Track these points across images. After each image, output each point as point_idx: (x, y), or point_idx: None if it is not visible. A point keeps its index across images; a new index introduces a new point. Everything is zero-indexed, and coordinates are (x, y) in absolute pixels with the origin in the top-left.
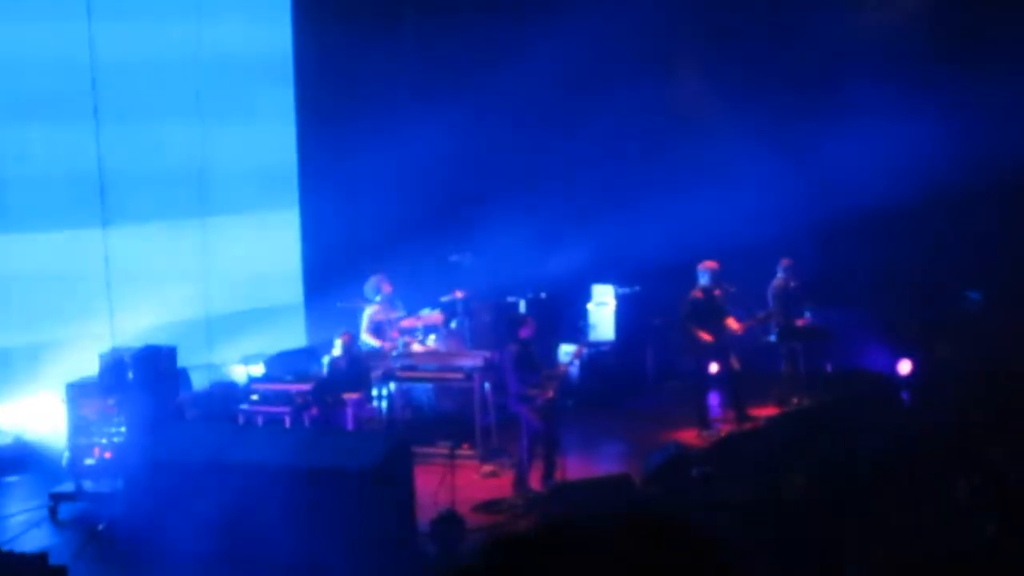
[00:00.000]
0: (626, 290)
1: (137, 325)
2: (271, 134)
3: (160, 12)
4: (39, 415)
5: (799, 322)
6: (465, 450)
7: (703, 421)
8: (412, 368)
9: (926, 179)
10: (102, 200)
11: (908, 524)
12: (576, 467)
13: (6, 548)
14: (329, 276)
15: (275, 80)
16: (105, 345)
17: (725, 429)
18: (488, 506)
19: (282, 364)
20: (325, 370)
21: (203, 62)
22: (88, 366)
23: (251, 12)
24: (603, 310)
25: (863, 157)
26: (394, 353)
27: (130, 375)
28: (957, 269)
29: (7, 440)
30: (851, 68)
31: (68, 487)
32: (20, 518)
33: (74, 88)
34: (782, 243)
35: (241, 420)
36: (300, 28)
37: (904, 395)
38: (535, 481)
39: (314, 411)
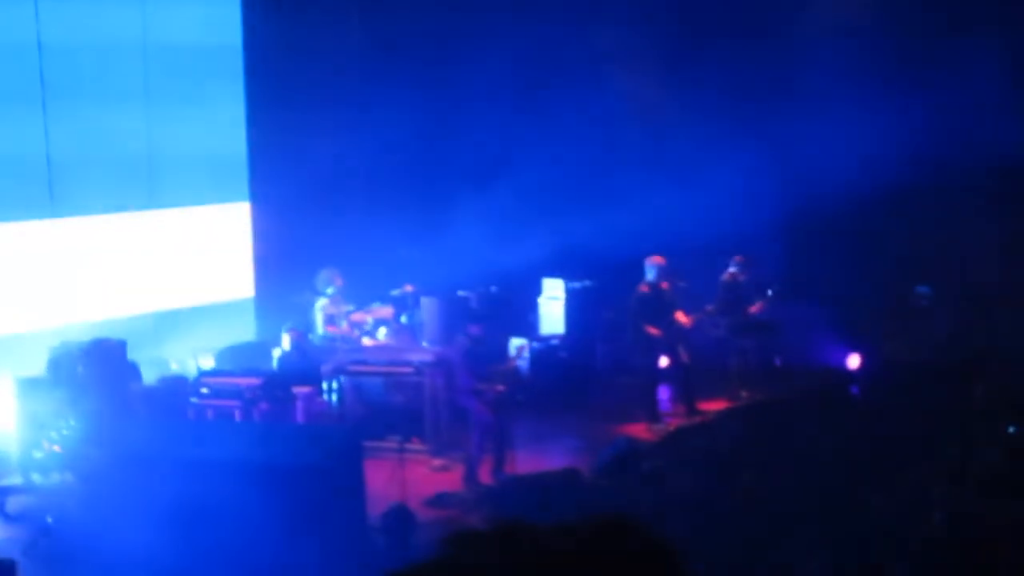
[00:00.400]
0: (577, 284)
1: (86, 318)
2: (220, 123)
3: None
4: None
5: (752, 310)
6: (415, 444)
7: (653, 415)
8: (362, 362)
9: (878, 175)
10: (50, 190)
11: (857, 521)
12: (526, 461)
13: None
14: (280, 269)
15: (225, 68)
16: (54, 339)
17: (675, 423)
18: (439, 500)
19: (232, 358)
20: (275, 364)
21: (152, 48)
22: (38, 360)
23: None
24: (553, 304)
25: (820, 153)
26: (352, 335)
27: (80, 369)
28: (907, 264)
29: None
30: (808, 65)
31: (17, 481)
32: None
33: (20, 72)
34: (738, 238)
35: (191, 414)
36: (250, 14)
37: (853, 390)
38: (485, 475)
39: (264, 405)
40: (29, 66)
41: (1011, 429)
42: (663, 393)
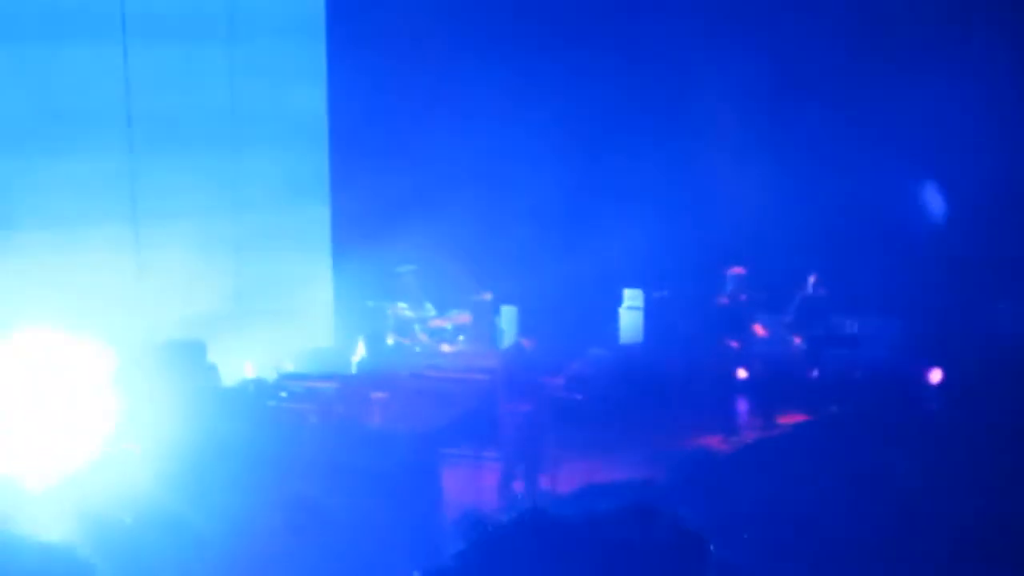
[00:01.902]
0: (656, 294)
1: (166, 320)
2: (303, 135)
3: None
4: None
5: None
6: (491, 452)
7: (729, 427)
8: (439, 368)
9: (964, 187)
10: (133, 197)
11: (933, 537)
12: (601, 471)
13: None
14: (360, 274)
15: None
16: (134, 339)
17: (751, 435)
18: (511, 506)
19: (311, 362)
20: (353, 369)
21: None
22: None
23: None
24: (633, 314)
25: (906, 165)
26: (417, 350)
27: (158, 368)
28: (991, 279)
29: None
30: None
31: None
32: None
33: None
34: (821, 251)
35: (270, 416)
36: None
37: (933, 404)
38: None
39: (341, 409)
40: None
41: None
42: (740, 405)
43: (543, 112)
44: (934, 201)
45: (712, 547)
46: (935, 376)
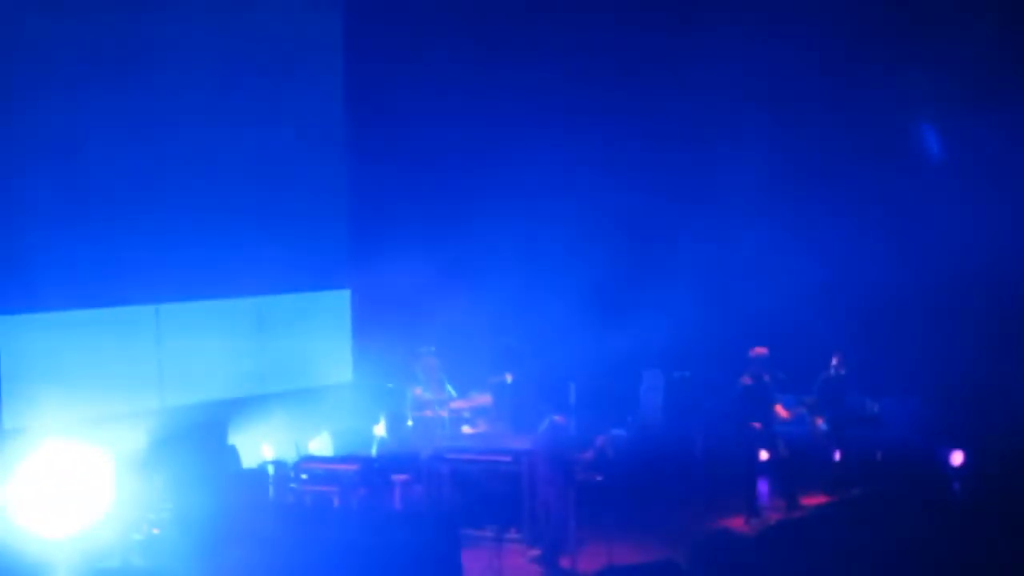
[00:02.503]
0: (676, 374)
1: (187, 401)
2: (322, 205)
3: None
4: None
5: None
6: (513, 534)
7: (751, 508)
8: (461, 450)
9: (984, 261)
10: (154, 274)
11: None
12: (623, 551)
13: None
14: (379, 354)
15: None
16: (156, 418)
17: (773, 517)
18: None
19: (331, 444)
20: (374, 450)
21: None
22: (139, 439)
23: None
24: (652, 394)
25: (920, 243)
26: (437, 432)
27: (180, 450)
28: (1014, 358)
29: None
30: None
31: (115, 562)
32: None
33: None
34: (839, 332)
35: (290, 499)
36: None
37: (955, 486)
38: (567, 562)
39: (362, 491)
40: None
41: None
42: (762, 486)
43: (567, 193)
44: (955, 278)
45: None
46: (957, 458)
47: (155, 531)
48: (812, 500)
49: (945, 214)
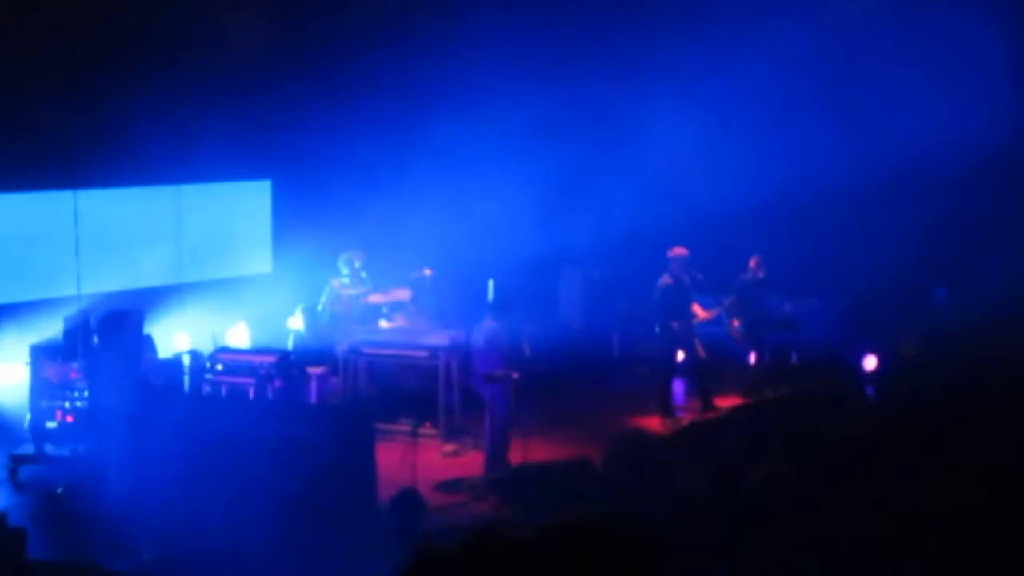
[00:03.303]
0: (595, 273)
1: (104, 289)
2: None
3: None
4: (1, 377)
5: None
6: (428, 429)
7: (667, 408)
8: (378, 344)
9: (900, 167)
10: (73, 160)
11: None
12: (538, 449)
13: None
14: (300, 248)
15: None
16: (70, 307)
17: (688, 418)
18: (449, 485)
19: (248, 335)
20: (290, 343)
21: None
22: (53, 328)
23: None
24: (571, 292)
25: (841, 143)
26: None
27: (95, 339)
28: (927, 263)
29: None
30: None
31: (28, 449)
32: None
33: None
34: (757, 232)
35: (206, 390)
36: None
37: (869, 390)
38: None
39: (278, 383)
40: None
41: None
42: (678, 387)
43: (499, 88)
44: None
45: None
46: (870, 362)
47: (68, 419)
48: (727, 401)
49: (855, 116)
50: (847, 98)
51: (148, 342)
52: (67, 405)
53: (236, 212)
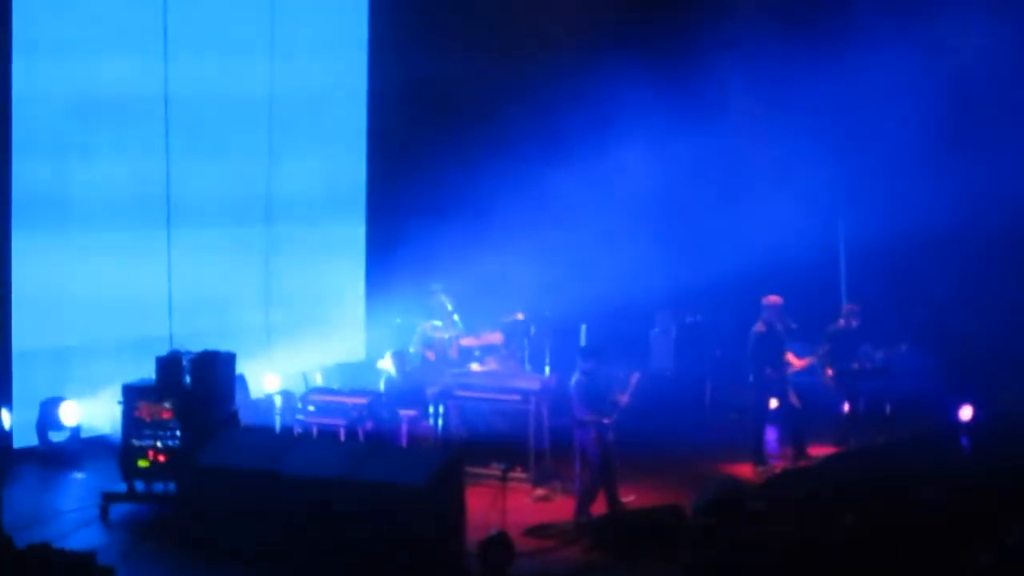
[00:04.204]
0: (688, 319)
1: (197, 331)
2: (341, 153)
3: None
4: (98, 414)
5: (856, 364)
6: (518, 473)
7: (759, 456)
8: (469, 387)
9: (994, 216)
10: (167, 202)
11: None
12: (630, 496)
13: (56, 545)
14: (393, 291)
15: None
16: (165, 347)
17: (780, 466)
18: (539, 530)
19: (340, 377)
20: (382, 385)
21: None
22: (147, 369)
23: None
24: (664, 337)
25: (935, 195)
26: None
27: (188, 379)
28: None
29: (65, 436)
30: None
31: (121, 487)
32: (72, 516)
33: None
34: (850, 283)
35: (297, 430)
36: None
37: (964, 441)
38: (596, 508)
39: (369, 425)
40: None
41: None
42: (771, 435)
43: (586, 133)
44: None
45: None
46: (966, 412)
47: (160, 458)
48: (820, 451)
49: (958, 165)
50: (957, 141)
51: (241, 382)
52: (159, 444)
53: (331, 252)
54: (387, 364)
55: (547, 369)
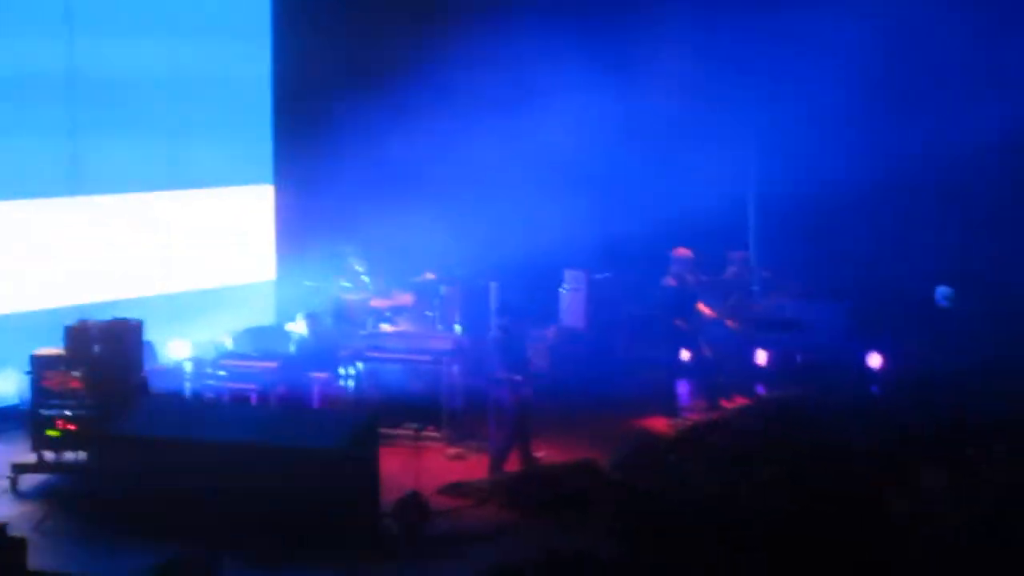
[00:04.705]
0: (598, 276)
1: (105, 297)
2: (246, 105)
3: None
4: (5, 385)
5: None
6: (431, 432)
7: (673, 410)
8: (380, 349)
9: (905, 169)
10: (73, 167)
11: (876, 518)
12: (544, 453)
13: None
14: (301, 253)
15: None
16: (72, 317)
17: (694, 418)
18: (453, 488)
19: (250, 341)
20: (292, 348)
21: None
22: (55, 337)
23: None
24: (574, 295)
25: (841, 146)
26: (360, 332)
27: (96, 348)
28: (931, 262)
29: None
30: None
31: (30, 458)
32: None
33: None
34: (758, 232)
35: (208, 396)
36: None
37: (874, 389)
38: (510, 465)
39: (281, 389)
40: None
41: None
42: (683, 387)
43: (494, 93)
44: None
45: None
46: (875, 360)
47: (70, 427)
48: (733, 402)
49: (879, 121)
50: (879, 97)
51: (150, 349)
52: (68, 414)
53: (238, 218)
54: (299, 327)
55: (458, 328)
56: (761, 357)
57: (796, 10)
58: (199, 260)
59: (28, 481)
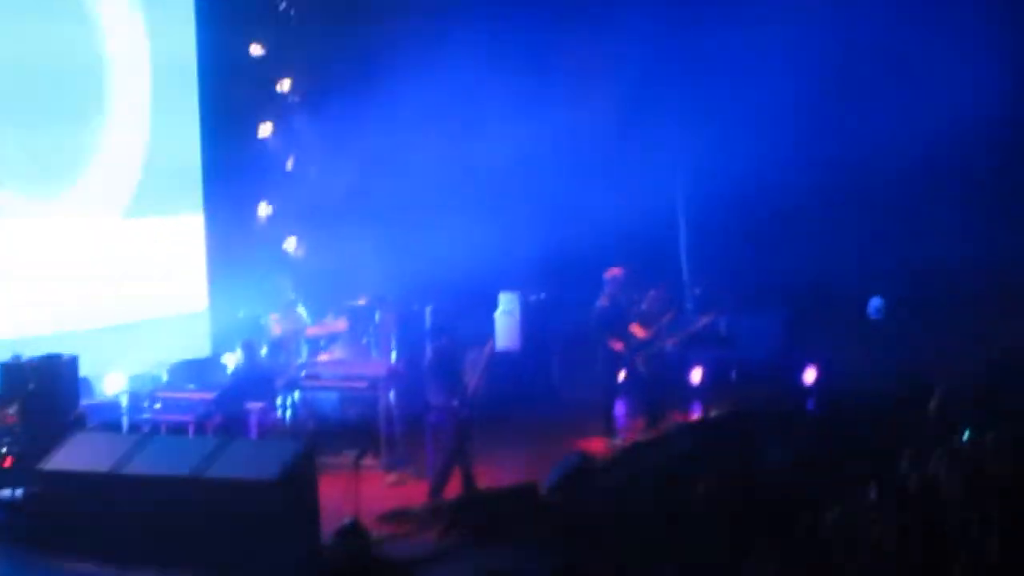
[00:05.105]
0: (533, 297)
1: (38, 331)
2: (175, 135)
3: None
4: None
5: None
6: (370, 460)
7: (609, 430)
8: (316, 377)
9: (834, 178)
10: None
11: (808, 533)
12: (482, 476)
13: None
14: (235, 282)
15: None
16: (4, 352)
17: (631, 438)
18: (393, 516)
19: (185, 373)
20: (229, 379)
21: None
22: None
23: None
24: (509, 318)
25: (773, 156)
26: (297, 361)
27: (31, 385)
28: (863, 274)
29: None
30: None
31: None
32: None
33: None
34: (689, 249)
35: (145, 429)
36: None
37: (809, 404)
38: (450, 491)
39: (217, 420)
40: None
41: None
42: (619, 407)
43: (426, 117)
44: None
45: None
46: (810, 375)
47: (5, 464)
48: (670, 420)
49: (805, 128)
50: (793, 110)
51: (85, 384)
52: (3, 450)
53: (169, 247)
54: (235, 357)
55: (393, 354)
56: (696, 375)
57: (725, 23)
58: (131, 292)
59: None
